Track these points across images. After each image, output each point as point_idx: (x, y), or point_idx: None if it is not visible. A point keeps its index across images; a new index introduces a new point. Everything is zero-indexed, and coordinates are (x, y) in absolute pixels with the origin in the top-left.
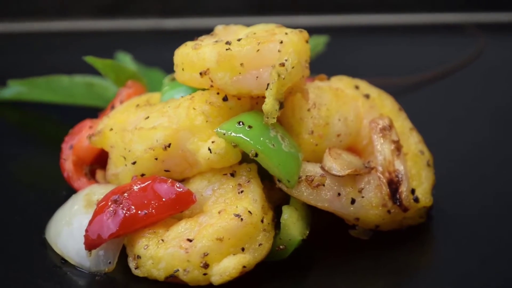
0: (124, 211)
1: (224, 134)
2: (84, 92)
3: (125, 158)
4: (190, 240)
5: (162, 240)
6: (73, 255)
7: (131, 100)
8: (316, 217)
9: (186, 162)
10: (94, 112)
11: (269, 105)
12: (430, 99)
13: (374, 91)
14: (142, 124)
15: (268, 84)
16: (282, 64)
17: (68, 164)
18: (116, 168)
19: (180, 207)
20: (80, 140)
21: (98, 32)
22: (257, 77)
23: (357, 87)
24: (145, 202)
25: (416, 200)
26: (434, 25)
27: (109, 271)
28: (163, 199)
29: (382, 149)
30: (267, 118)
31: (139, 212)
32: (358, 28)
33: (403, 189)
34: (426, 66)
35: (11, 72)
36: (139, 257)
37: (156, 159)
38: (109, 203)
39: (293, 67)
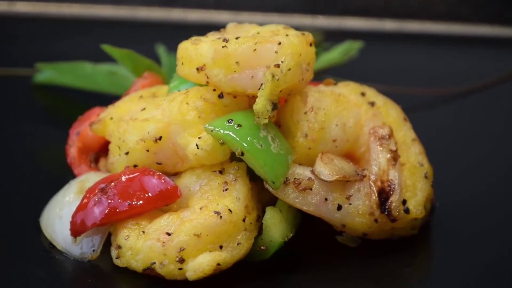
0: (108, 201)
1: (212, 130)
2: (107, 80)
3: (119, 147)
4: (169, 234)
5: (143, 232)
6: (60, 240)
7: (139, 91)
8: (308, 221)
9: (177, 156)
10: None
11: (260, 105)
12: (462, 112)
13: (380, 99)
14: (137, 115)
15: (261, 84)
16: (278, 65)
17: (72, 150)
18: (113, 157)
19: (164, 201)
20: (87, 127)
21: (149, 23)
22: (252, 76)
23: (363, 94)
24: (130, 193)
25: (407, 211)
26: (480, 37)
27: (93, 259)
28: (148, 192)
29: (378, 157)
30: (258, 118)
31: (123, 202)
32: (400, 35)
33: (394, 199)
34: (464, 78)
35: (47, 57)
36: (120, 247)
37: (148, 151)
38: (96, 191)
39: (289, 69)
